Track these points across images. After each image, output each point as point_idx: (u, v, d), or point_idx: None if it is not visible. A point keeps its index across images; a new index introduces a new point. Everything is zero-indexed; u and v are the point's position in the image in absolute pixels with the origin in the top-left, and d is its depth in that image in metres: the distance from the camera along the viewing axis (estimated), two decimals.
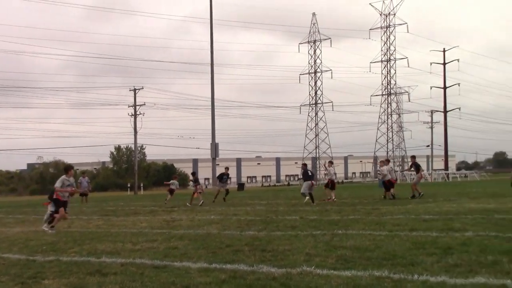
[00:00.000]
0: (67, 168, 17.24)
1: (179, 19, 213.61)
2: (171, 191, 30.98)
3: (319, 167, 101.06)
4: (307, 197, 25.13)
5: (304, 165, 27.74)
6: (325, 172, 30.17)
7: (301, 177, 30.54)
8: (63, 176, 16.81)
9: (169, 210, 24.82)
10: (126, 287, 7.88)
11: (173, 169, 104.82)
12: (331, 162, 29.33)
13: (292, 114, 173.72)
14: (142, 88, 78.47)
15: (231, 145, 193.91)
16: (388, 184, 27.81)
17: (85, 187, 36.58)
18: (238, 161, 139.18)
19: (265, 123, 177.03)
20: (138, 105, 77.37)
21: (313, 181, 26.20)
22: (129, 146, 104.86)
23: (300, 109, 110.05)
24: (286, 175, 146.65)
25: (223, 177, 30.46)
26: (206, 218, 19.33)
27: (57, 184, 16.69)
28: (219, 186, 31.12)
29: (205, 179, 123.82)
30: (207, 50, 59.98)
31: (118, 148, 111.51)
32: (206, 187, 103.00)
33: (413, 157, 29.65)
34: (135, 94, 77.73)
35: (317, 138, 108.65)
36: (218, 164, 65.35)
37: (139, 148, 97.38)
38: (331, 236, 12.44)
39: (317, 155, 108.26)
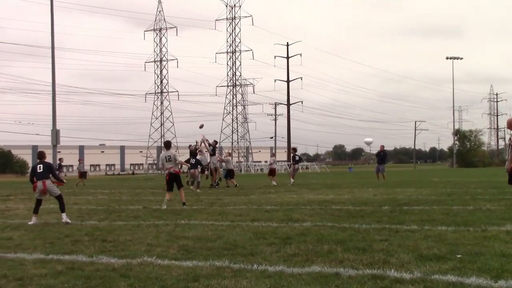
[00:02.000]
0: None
1: None
2: None
3: None
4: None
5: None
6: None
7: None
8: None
9: (4, 199, 23.69)
10: None
11: (10, 156, 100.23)
12: (229, 153, 35.36)
13: (137, 102, 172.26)
14: None
15: (73, 132, 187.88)
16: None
17: None
18: (81, 148, 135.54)
19: (109, 110, 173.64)
20: None
21: None
22: None
23: (146, 97, 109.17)
24: (131, 164, 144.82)
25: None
26: (45, 208, 18.60)
27: None
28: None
29: None
30: (46, 32, 57.68)
31: None
32: None
33: (294, 149, 33.44)
34: None
35: (162, 127, 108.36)
36: (60, 152, 63.26)
37: None
38: (174, 226, 12.41)
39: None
